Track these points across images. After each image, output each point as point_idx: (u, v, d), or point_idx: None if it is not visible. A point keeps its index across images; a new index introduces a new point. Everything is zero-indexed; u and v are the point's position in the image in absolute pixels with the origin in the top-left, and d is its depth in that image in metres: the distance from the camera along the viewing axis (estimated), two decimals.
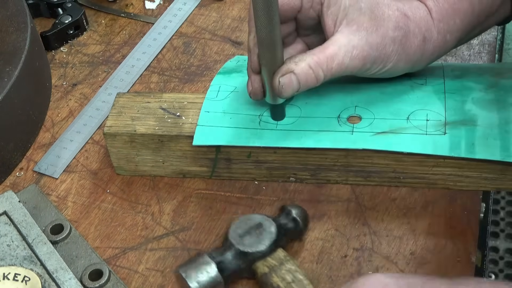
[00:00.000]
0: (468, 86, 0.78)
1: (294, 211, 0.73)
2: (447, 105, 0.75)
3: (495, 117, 0.73)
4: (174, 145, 0.78)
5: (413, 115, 0.75)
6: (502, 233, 0.64)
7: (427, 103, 0.76)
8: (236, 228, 0.71)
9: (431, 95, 0.77)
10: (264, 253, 0.69)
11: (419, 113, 0.75)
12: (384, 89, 0.78)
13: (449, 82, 0.78)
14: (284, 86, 0.70)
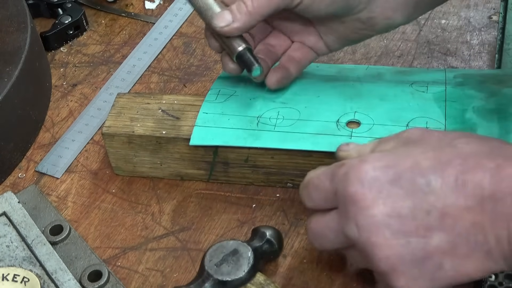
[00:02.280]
0: (470, 94, 0.77)
1: (267, 233, 0.71)
2: (447, 113, 0.75)
3: (496, 127, 0.73)
4: (172, 147, 0.78)
5: (412, 122, 0.75)
6: None
7: (427, 111, 0.76)
8: (211, 257, 0.69)
9: (432, 102, 0.77)
10: (244, 280, 0.68)
11: (419, 120, 0.75)
12: (384, 95, 0.78)
13: (450, 89, 0.78)
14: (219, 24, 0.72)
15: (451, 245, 0.55)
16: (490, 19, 0.98)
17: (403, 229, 0.56)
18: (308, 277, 0.72)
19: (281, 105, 0.78)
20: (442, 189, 0.55)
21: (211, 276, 0.68)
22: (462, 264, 0.56)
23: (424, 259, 0.56)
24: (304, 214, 0.77)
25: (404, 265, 0.56)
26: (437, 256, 0.56)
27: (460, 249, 0.55)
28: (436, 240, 0.55)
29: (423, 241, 0.56)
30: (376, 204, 0.56)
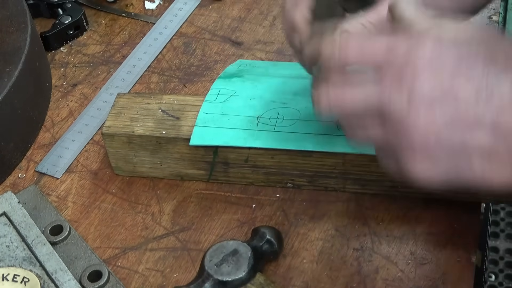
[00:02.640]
0: None
1: (267, 233, 0.71)
2: None
3: None
4: (172, 147, 0.78)
5: None
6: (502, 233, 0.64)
7: None
8: (211, 258, 0.69)
9: None
10: (244, 280, 0.68)
11: None
12: None
13: None
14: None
15: (492, 148, 0.53)
16: (490, 19, 0.98)
17: (456, 112, 0.53)
18: (308, 277, 0.72)
19: (281, 105, 0.78)
20: (510, 87, 0.52)
21: (211, 276, 0.68)
22: (492, 169, 0.53)
23: (459, 151, 0.53)
24: (304, 214, 0.77)
25: (437, 149, 0.54)
26: (473, 153, 0.53)
27: (500, 154, 0.53)
28: (481, 137, 0.53)
29: (468, 133, 0.53)
30: (438, 77, 0.53)
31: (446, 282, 0.70)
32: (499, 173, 0.54)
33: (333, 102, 0.58)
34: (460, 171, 0.54)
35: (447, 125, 0.53)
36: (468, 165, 0.54)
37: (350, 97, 0.57)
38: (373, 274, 0.71)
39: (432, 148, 0.54)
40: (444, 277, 0.71)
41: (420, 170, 0.55)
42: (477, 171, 0.54)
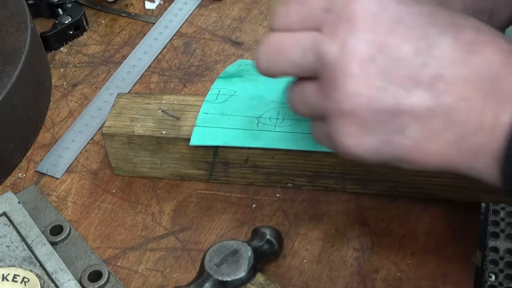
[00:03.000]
0: None
1: (267, 233, 0.71)
2: None
3: None
4: (172, 147, 0.78)
5: None
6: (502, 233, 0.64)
7: None
8: (211, 258, 0.69)
9: None
10: (244, 280, 0.68)
11: None
12: None
13: None
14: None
15: (428, 112, 0.50)
16: None
17: (390, 72, 0.50)
18: (308, 277, 0.72)
19: (281, 105, 0.78)
20: (450, 48, 0.50)
21: (211, 276, 0.68)
22: (426, 138, 0.51)
23: (392, 115, 0.51)
24: (304, 214, 0.77)
25: (368, 112, 0.51)
26: (406, 117, 0.50)
27: (435, 121, 0.50)
28: (416, 98, 0.50)
29: (403, 94, 0.50)
30: (374, 32, 0.51)
31: (446, 282, 0.70)
32: (434, 143, 0.51)
33: (271, 50, 0.56)
34: (392, 139, 0.52)
35: (380, 85, 0.51)
36: (402, 131, 0.51)
37: (288, 42, 0.55)
38: (373, 274, 0.71)
39: (363, 110, 0.51)
40: (444, 277, 0.71)
41: (348, 136, 0.53)
42: (410, 139, 0.51)
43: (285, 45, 0.55)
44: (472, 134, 0.50)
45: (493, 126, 0.49)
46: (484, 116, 0.50)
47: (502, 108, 0.49)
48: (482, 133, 0.50)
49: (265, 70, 0.58)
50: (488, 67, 0.50)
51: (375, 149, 0.53)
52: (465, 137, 0.50)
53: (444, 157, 0.52)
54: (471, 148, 0.51)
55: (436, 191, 0.75)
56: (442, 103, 0.50)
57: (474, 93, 0.50)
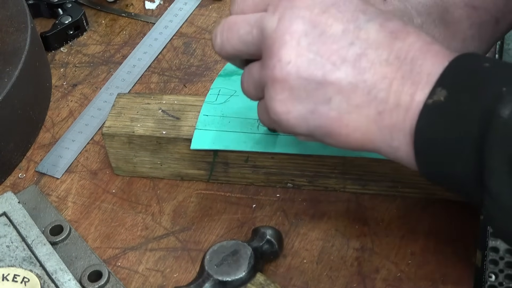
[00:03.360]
0: None
1: (267, 233, 0.71)
2: None
3: None
4: (172, 148, 0.78)
5: None
6: None
7: None
8: (211, 258, 0.69)
9: None
10: (244, 280, 0.68)
11: None
12: None
13: None
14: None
15: (351, 86, 0.55)
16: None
17: (320, 46, 0.55)
18: (308, 277, 0.72)
19: None
20: (375, 33, 0.55)
21: (211, 276, 0.68)
22: (348, 111, 0.55)
23: (319, 85, 0.55)
24: (304, 214, 0.77)
25: (298, 80, 0.56)
26: (331, 89, 0.55)
27: (357, 96, 0.55)
28: (342, 73, 0.55)
29: (330, 67, 0.55)
30: (310, 11, 0.56)
31: (446, 282, 0.70)
32: (355, 117, 0.55)
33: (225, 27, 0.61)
34: (318, 109, 0.56)
35: (310, 56, 0.56)
36: (327, 102, 0.56)
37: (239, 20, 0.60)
38: (373, 274, 0.71)
39: (292, 77, 0.56)
40: (444, 277, 0.71)
41: (280, 102, 0.57)
42: (334, 111, 0.56)
43: (236, 23, 0.60)
44: (390, 111, 0.54)
45: (408, 105, 0.53)
46: (402, 95, 0.54)
47: (418, 89, 0.53)
48: (399, 111, 0.54)
49: (219, 47, 0.62)
50: (408, 51, 0.54)
51: (303, 117, 0.57)
52: (383, 114, 0.54)
53: (365, 133, 0.56)
54: (388, 125, 0.55)
55: (436, 191, 0.75)
56: (364, 79, 0.55)
57: (393, 74, 0.54)
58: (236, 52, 0.62)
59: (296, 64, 0.55)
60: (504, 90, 0.50)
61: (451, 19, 0.71)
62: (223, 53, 0.63)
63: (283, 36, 0.56)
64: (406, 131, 0.54)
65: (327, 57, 0.55)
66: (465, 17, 0.71)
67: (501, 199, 0.50)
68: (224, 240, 0.71)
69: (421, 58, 0.54)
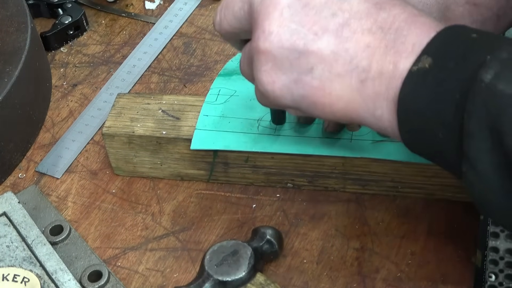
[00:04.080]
0: None
1: (267, 233, 0.71)
2: None
3: None
4: (172, 148, 0.78)
5: None
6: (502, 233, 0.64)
7: None
8: (211, 258, 0.69)
9: None
10: (244, 280, 0.68)
11: None
12: None
13: None
14: None
15: (333, 55, 0.55)
16: None
17: (302, 17, 0.56)
18: (308, 277, 0.72)
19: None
20: (359, 4, 0.56)
21: (211, 276, 0.68)
22: (330, 80, 0.56)
23: (301, 55, 0.56)
24: (304, 214, 0.77)
25: (281, 50, 0.57)
26: (313, 58, 0.56)
27: (339, 65, 0.55)
28: (323, 43, 0.55)
29: (312, 37, 0.56)
30: None
31: (446, 282, 0.70)
32: (338, 86, 0.56)
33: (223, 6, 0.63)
34: (302, 78, 0.57)
35: (293, 27, 0.56)
36: (310, 71, 0.56)
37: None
38: (373, 274, 0.71)
39: (276, 48, 0.57)
40: (444, 277, 0.71)
41: (265, 72, 0.58)
42: (317, 80, 0.56)
43: (232, 1, 0.62)
44: (372, 80, 0.54)
45: (392, 73, 0.54)
46: (385, 63, 0.54)
47: (401, 58, 0.53)
48: (382, 79, 0.54)
49: (218, 24, 0.64)
50: (393, 22, 0.55)
51: (287, 87, 0.58)
52: (366, 82, 0.55)
53: (348, 102, 0.56)
54: (371, 94, 0.55)
55: (436, 191, 0.75)
56: (346, 48, 0.55)
57: (377, 43, 0.54)
58: (232, 29, 0.63)
59: (278, 34, 0.56)
60: (488, 58, 0.50)
61: (452, 16, 0.71)
62: (222, 31, 0.64)
63: (267, 8, 0.57)
64: (389, 100, 0.54)
65: (309, 27, 0.56)
66: (466, 14, 0.71)
67: (479, 165, 0.50)
68: (224, 240, 0.71)
69: (406, 29, 0.54)
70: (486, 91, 0.49)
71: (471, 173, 0.51)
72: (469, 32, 0.53)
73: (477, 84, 0.49)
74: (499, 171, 0.49)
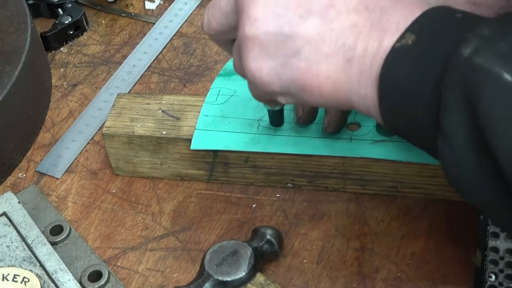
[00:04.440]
0: None
1: (267, 233, 0.71)
2: None
3: None
4: (172, 148, 0.78)
5: None
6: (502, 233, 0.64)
7: None
8: (211, 258, 0.69)
9: None
10: (244, 280, 0.68)
11: None
12: None
13: None
14: None
15: (319, 36, 0.55)
16: None
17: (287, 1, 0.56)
18: (308, 277, 0.72)
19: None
20: None
21: (211, 276, 0.68)
22: (317, 61, 0.56)
23: (287, 38, 0.56)
24: (304, 214, 0.77)
25: (267, 35, 0.56)
26: (299, 41, 0.56)
27: (325, 45, 0.55)
28: (309, 25, 0.55)
29: (297, 20, 0.56)
30: None
31: (446, 282, 0.70)
32: (325, 66, 0.55)
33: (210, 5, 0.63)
34: (289, 62, 0.57)
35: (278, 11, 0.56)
36: (297, 54, 0.56)
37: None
38: (373, 274, 0.71)
39: (262, 33, 0.57)
40: (444, 277, 0.71)
41: (252, 59, 0.58)
42: (304, 62, 0.56)
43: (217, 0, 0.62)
44: (358, 58, 0.54)
45: (376, 51, 0.54)
46: (370, 41, 0.54)
47: (386, 35, 0.53)
48: (366, 57, 0.54)
49: (206, 24, 0.64)
50: (378, 1, 0.55)
51: (275, 72, 0.57)
52: (351, 61, 0.55)
53: (336, 82, 0.56)
54: (357, 73, 0.55)
55: (436, 191, 0.75)
56: (332, 28, 0.55)
57: (362, 22, 0.55)
58: (221, 26, 0.63)
59: (264, 19, 0.56)
60: (470, 35, 0.50)
61: None
62: (211, 31, 0.65)
63: None
64: (372, 77, 0.54)
65: (293, 10, 0.56)
66: None
67: (453, 139, 0.50)
68: (224, 240, 0.71)
69: (391, 8, 0.54)
70: (464, 65, 0.49)
71: (445, 147, 0.51)
72: (454, 12, 0.53)
73: (455, 58, 0.49)
74: (473, 145, 0.49)
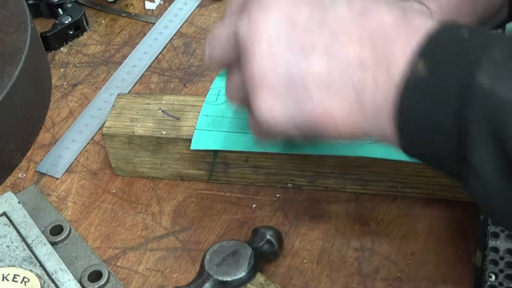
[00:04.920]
0: None
1: (267, 233, 0.71)
2: None
3: None
4: (172, 148, 0.78)
5: None
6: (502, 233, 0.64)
7: None
8: (211, 258, 0.69)
9: None
10: (244, 280, 0.68)
11: None
12: None
13: None
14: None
15: (326, 72, 0.54)
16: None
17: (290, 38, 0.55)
18: (308, 277, 0.72)
19: None
20: (344, 12, 0.55)
21: (211, 276, 0.68)
22: (329, 97, 0.54)
23: (297, 81, 0.55)
24: (304, 214, 0.77)
25: (276, 81, 0.55)
26: (309, 82, 0.55)
27: (334, 80, 0.54)
28: (315, 61, 0.54)
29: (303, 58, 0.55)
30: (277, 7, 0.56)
31: (446, 282, 0.70)
32: (336, 103, 0.54)
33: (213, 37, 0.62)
34: (302, 105, 0.55)
35: (284, 53, 0.55)
36: (308, 96, 0.55)
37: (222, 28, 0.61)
38: (373, 274, 0.71)
39: (270, 79, 0.55)
40: (444, 277, 0.71)
41: (265, 107, 0.56)
42: (316, 103, 0.55)
43: (219, 32, 0.61)
44: (368, 90, 0.53)
45: (386, 81, 0.52)
46: (378, 71, 0.53)
47: (393, 64, 0.52)
48: (378, 89, 0.53)
49: (208, 57, 0.63)
50: (380, 26, 0.53)
51: (290, 117, 0.56)
52: (363, 94, 0.53)
53: (350, 118, 0.55)
54: (370, 106, 0.54)
55: (436, 191, 0.75)
56: (338, 60, 0.54)
57: (367, 51, 0.53)
58: (222, 59, 0.62)
59: (271, 62, 0.55)
60: (483, 60, 0.49)
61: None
62: (212, 64, 0.63)
63: (253, 38, 0.56)
64: (388, 109, 0.53)
65: (298, 48, 0.55)
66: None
67: (483, 173, 0.49)
68: (224, 240, 0.71)
69: (394, 34, 0.53)
70: (484, 98, 0.48)
71: (474, 180, 0.51)
72: (460, 31, 0.52)
73: (474, 89, 0.48)
74: (504, 177, 0.49)
